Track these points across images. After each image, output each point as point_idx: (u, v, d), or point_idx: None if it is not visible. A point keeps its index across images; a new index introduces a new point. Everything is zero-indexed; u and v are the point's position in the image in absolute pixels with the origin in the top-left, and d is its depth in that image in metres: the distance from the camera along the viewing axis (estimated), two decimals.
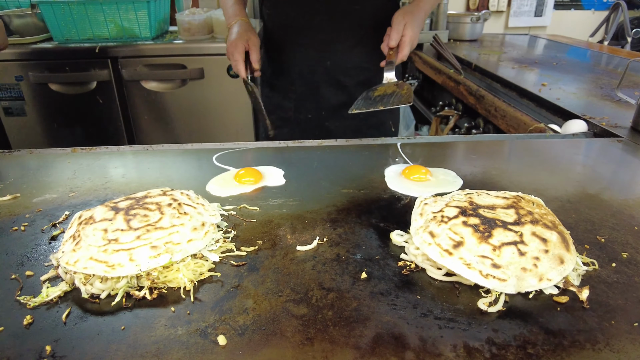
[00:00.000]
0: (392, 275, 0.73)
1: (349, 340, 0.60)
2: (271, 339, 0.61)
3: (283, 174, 1.10)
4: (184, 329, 0.62)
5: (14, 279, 0.73)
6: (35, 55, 2.62)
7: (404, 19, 1.37)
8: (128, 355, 0.58)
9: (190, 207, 0.84)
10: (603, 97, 1.74)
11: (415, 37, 1.40)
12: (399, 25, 1.37)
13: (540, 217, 0.79)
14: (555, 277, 0.69)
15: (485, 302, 0.67)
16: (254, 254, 0.79)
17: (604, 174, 1.12)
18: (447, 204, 0.82)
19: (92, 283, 0.69)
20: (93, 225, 0.77)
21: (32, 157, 1.25)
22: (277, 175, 1.10)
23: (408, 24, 1.37)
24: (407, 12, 1.40)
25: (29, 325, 0.64)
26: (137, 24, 2.67)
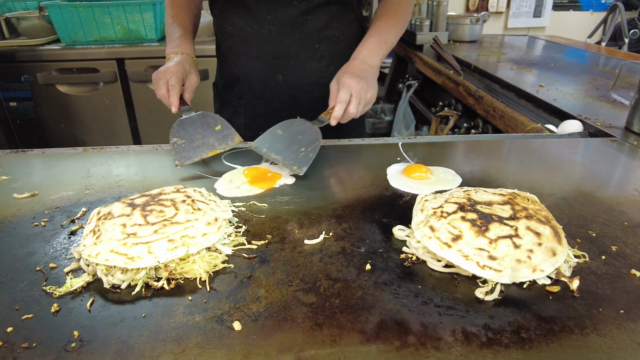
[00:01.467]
0: (395, 266, 0.78)
1: (355, 325, 0.65)
2: (283, 324, 0.65)
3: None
4: (201, 316, 0.67)
5: (39, 271, 0.78)
6: (43, 57, 2.67)
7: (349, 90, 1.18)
8: (150, 339, 0.63)
9: (203, 204, 0.88)
10: (599, 98, 1.79)
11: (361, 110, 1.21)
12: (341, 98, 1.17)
13: (535, 212, 0.83)
14: (547, 268, 0.73)
15: (482, 292, 0.71)
16: (264, 248, 0.84)
17: (598, 173, 1.16)
18: (447, 200, 0.87)
19: (113, 274, 0.74)
20: (112, 220, 0.81)
21: (44, 156, 1.29)
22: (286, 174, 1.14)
23: (354, 96, 1.18)
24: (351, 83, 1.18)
25: (56, 312, 0.68)
26: (143, 25, 2.72)
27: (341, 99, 1.17)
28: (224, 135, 1.18)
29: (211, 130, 1.19)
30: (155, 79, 1.26)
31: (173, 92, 1.22)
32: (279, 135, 1.18)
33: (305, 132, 1.17)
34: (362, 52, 1.33)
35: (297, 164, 1.10)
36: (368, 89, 1.21)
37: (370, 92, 1.22)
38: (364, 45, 1.35)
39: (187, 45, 1.40)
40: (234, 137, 1.19)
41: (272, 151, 1.15)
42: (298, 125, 1.20)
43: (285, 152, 1.14)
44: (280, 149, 1.15)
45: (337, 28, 1.43)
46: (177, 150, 1.14)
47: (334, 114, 1.17)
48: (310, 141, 1.15)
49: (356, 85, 1.19)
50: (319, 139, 1.15)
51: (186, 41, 1.41)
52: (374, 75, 1.29)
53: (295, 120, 1.21)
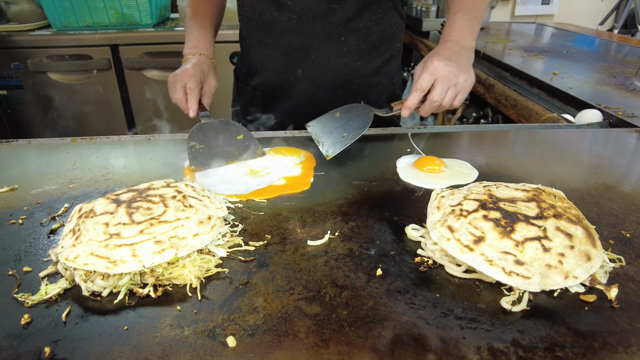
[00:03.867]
0: (409, 271, 0.70)
1: (366, 341, 0.57)
2: (283, 340, 0.57)
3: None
4: (191, 329, 0.59)
5: (11, 276, 0.70)
6: (33, 43, 2.57)
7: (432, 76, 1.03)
8: (132, 357, 0.55)
9: (196, 200, 0.80)
10: (617, 86, 1.69)
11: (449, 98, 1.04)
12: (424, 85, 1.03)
13: (564, 210, 0.75)
14: (581, 274, 0.65)
15: (509, 301, 0.63)
16: (263, 249, 0.76)
17: (623, 165, 1.08)
18: (466, 196, 0.78)
19: (93, 280, 0.66)
20: (94, 219, 0.73)
21: (30, 147, 1.21)
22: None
23: (439, 81, 1.02)
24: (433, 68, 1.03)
25: (27, 324, 0.60)
26: (138, 10, 2.62)
27: (419, 86, 1.02)
28: (246, 146, 1.11)
29: (232, 138, 1.10)
30: (172, 81, 1.18)
31: (191, 96, 1.13)
32: (336, 117, 1.12)
33: (358, 118, 1.08)
34: (452, 34, 1.13)
35: (329, 147, 1.04)
36: (459, 73, 1.03)
37: (462, 76, 1.03)
38: (452, 25, 1.16)
39: (205, 45, 1.30)
40: (256, 150, 1.12)
41: (319, 131, 1.10)
42: (358, 110, 1.11)
43: (329, 134, 1.08)
44: (327, 130, 1.09)
45: (369, 17, 1.26)
46: (194, 154, 1.07)
47: (407, 103, 1.04)
48: (357, 127, 1.06)
49: (443, 69, 1.01)
50: (365, 126, 1.05)
51: (204, 40, 1.31)
52: (468, 59, 1.09)
53: (357, 105, 1.12)
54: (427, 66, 1.03)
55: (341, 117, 1.10)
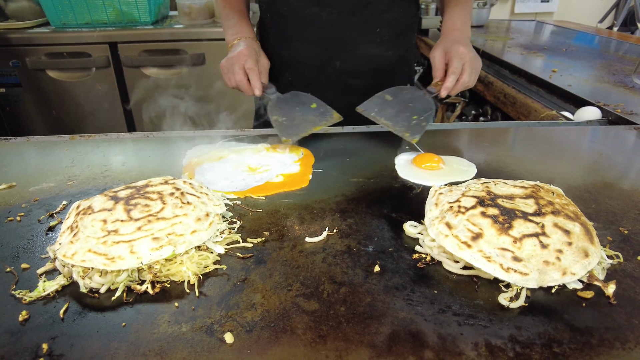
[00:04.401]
0: (407, 268, 0.70)
1: (364, 338, 0.57)
2: (281, 336, 0.57)
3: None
4: (189, 326, 0.59)
5: (9, 272, 0.69)
6: (32, 41, 2.56)
7: (459, 59, 1.13)
8: (129, 353, 0.55)
9: (194, 197, 0.80)
10: (616, 83, 1.69)
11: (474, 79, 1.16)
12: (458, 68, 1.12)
13: (562, 207, 0.75)
14: (579, 271, 0.65)
15: (506, 297, 0.63)
16: (261, 246, 0.75)
17: (622, 163, 1.08)
18: (464, 193, 0.78)
19: (91, 277, 0.65)
20: (92, 216, 0.73)
21: (29, 144, 1.20)
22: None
23: (467, 65, 1.13)
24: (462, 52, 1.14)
25: (25, 321, 0.60)
26: (137, 8, 2.61)
27: (455, 69, 1.12)
28: (322, 112, 1.14)
29: (307, 108, 1.15)
30: (227, 65, 1.19)
31: (253, 75, 1.16)
32: (388, 100, 1.14)
33: (417, 100, 1.13)
34: (457, 24, 1.27)
35: (410, 132, 1.06)
36: (477, 57, 1.17)
37: (478, 60, 1.17)
38: (454, 16, 1.28)
39: (247, 29, 1.32)
40: (332, 114, 1.16)
41: (381, 116, 1.11)
42: (408, 92, 1.16)
43: (396, 118, 1.10)
44: (390, 114, 1.11)
45: (397, 10, 1.34)
46: (280, 127, 1.10)
47: (446, 85, 1.12)
48: (422, 109, 1.10)
49: (468, 54, 1.14)
50: (432, 108, 1.10)
51: (245, 24, 1.34)
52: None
53: (404, 88, 1.18)
54: (455, 52, 1.14)
55: (394, 101, 1.14)
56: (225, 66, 1.20)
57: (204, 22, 2.70)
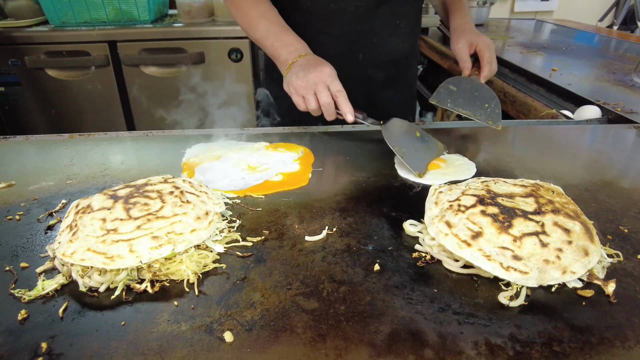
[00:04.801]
0: (407, 267, 0.70)
1: (364, 336, 0.57)
2: (281, 335, 0.57)
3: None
4: (188, 325, 0.59)
5: (8, 271, 0.69)
6: (31, 39, 2.56)
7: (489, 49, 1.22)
8: (129, 352, 0.55)
9: (193, 196, 0.80)
10: (616, 82, 1.69)
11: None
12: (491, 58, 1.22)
13: (562, 206, 0.75)
14: (579, 269, 0.65)
15: (506, 296, 0.63)
16: (261, 245, 0.75)
17: (621, 161, 1.08)
18: (464, 192, 0.78)
19: (90, 276, 0.65)
20: (91, 215, 0.73)
21: (28, 143, 1.20)
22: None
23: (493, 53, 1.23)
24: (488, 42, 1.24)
25: (24, 320, 0.60)
26: (136, 6, 2.60)
27: (489, 59, 1.20)
28: (426, 142, 1.09)
29: (414, 137, 1.08)
30: (307, 86, 1.07)
31: (343, 98, 1.06)
32: (453, 91, 1.17)
33: (479, 89, 1.17)
34: (466, 17, 1.37)
35: (491, 119, 1.11)
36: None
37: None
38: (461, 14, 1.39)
39: (304, 45, 1.20)
40: (437, 144, 1.10)
41: (458, 105, 1.15)
42: (466, 82, 1.19)
43: (472, 107, 1.15)
44: (463, 104, 1.15)
45: (412, 4, 1.39)
46: (408, 160, 1.00)
47: (485, 74, 1.19)
48: (488, 97, 1.15)
49: (491, 44, 1.23)
50: (495, 96, 1.16)
51: (300, 39, 1.22)
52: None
53: (459, 78, 1.22)
54: (483, 43, 1.23)
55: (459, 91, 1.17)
56: (302, 86, 1.07)
57: (203, 21, 2.69)
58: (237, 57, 2.63)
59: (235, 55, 2.63)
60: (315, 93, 1.06)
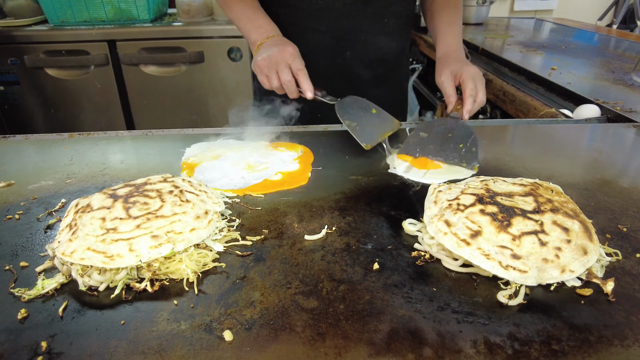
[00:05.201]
0: (406, 266, 0.70)
1: (363, 335, 0.57)
2: (280, 334, 0.57)
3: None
4: (188, 324, 0.59)
5: (8, 270, 0.69)
6: (30, 39, 2.55)
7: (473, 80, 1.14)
8: (129, 351, 0.55)
9: (193, 195, 0.80)
10: (616, 81, 1.69)
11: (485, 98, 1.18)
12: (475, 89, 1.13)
13: (561, 205, 0.75)
14: (578, 268, 0.65)
15: (505, 295, 0.63)
16: (260, 244, 0.75)
17: (621, 160, 1.08)
18: (463, 191, 0.78)
19: (90, 275, 0.65)
20: (90, 214, 0.73)
21: (27, 142, 1.20)
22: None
23: (479, 85, 1.14)
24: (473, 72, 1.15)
25: (24, 319, 0.60)
26: (135, 5, 2.60)
27: (472, 91, 1.12)
28: (382, 119, 1.10)
29: (370, 113, 1.10)
30: (269, 64, 1.10)
31: (303, 76, 1.09)
32: (424, 137, 1.11)
33: (453, 129, 1.10)
34: (453, 44, 1.29)
35: (465, 161, 1.03)
36: (482, 76, 1.18)
37: (484, 78, 1.18)
38: (448, 36, 1.31)
39: (273, 27, 1.24)
40: (392, 121, 1.11)
41: (427, 153, 1.08)
42: (440, 124, 1.13)
43: (444, 152, 1.07)
44: (435, 150, 1.08)
45: (401, 3, 1.37)
46: (357, 133, 1.04)
47: (467, 108, 1.11)
48: (464, 135, 1.08)
49: (478, 74, 1.15)
50: (473, 132, 1.09)
51: (270, 22, 1.25)
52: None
53: (431, 121, 1.16)
54: (466, 74, 1.14)
55: (430, 135, 1.11)
56: (266, 65, 1.10)
57: (202, 20, 2.69)
58: (237, 57, 2.63)
59: (234, 55, 2.63)
60: (277, 72, 1.09)
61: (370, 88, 1.29)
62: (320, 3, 1.30)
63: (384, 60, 1.44)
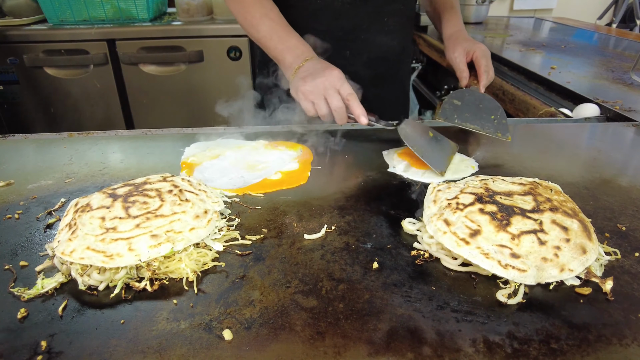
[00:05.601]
0: (405, 265, 0.70)
1: (362, 334, 0.57)
2: (279, 333, 0.58)
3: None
4: (187, 323, 0.59)
5: (8, 270, 0.69)
6: (29, 38, 2.55)
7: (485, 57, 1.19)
8: (128, 351, 0.55)
9: (192, 194, 0.80)
10: (615, 80, 1.69)
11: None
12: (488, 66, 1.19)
13: (560, 204, 0.75)
14: (577, 267, 0.65)
15: (504, 294, 0.63)
16: (260, 243, 0.76)
17: (620, 159, 1.08)
18: (462, 190, 0.78)
19: (90, 274, 0.65)
20: (90, 213, 0.73)
21: (27, 142, 1.20)
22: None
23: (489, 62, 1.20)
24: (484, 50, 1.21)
25: (23, 319, 0.60)
26: (134, 4, 2.59)
27: (486, 68, 1.19)
28: (439, 141, 1.09)
29: (427, 136, 1.08)
30: (316, 90, 1.04)
31: (354, 101, 1.03)
32: (458, 105, 1.15)
33: (482, 101, 1.16)
34: (458, 25, 1.35)
35: (500, 131, 1.10)
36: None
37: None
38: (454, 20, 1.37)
39: (309, 48, 1.18)
40: (449, 143, 1.09)
41: (465, 120, 1.14)
42: (469, 94, 1.17)
43: (479, 120, 1.13)
44: (470, 117, 1.14)
45: (401, 1, 1.38)
46: (430, 160, 1.00)
47: (483, 82, 1.18)
48: (493, 108, 1.14)
49: (487, 52, 1.21)
50: (499, 106, 1.15)
51: (305, 42, 1.20)
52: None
53: (463, 90, 1.19)
54: (479, 51, 1.21)
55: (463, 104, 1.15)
56: (311, 91, 1.04)
57: (202, 19, 2.69)
58: (236, 56, 2.63)
59: (234, 54, 2.63)
60: (325, 98, 1.03)
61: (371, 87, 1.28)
62: (319, 3, 1.31)
63: (385, 59, 1.44)
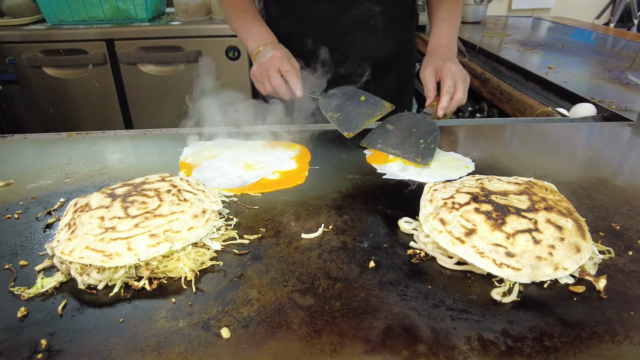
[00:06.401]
0: (401, 264, 0.71)
1: (358, 332, 0.58)
2: (277, 331, 0.58)
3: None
4: (186, 321, 0.60)
5: (8, 269, 0.70)
6: (28, 38, 2.56)
7: (452, 77, 1.14)
8: (127, 349, 0.56)
9: (190, 194, 0.81)
10: (612, 80, 1.70)
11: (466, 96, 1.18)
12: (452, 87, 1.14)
13: (555, 203, 0.76)
14: (571, 266, 0.66)
15: (499, 292, 0.64)
16: (257, 242, 0.76)
17: (615, 159, 1.09)
18: (458, 190, 0.79)
19: (89, 273, 0.66)
20: (89, 213, 0.74)
21: (26, 142, 1.21)
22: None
23: (459, 83, 1.15)
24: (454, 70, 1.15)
25: (23, 317, 0.61)
26: (133, 4, 2.60)
27: (449, 88, 1.13)
28: (373, 104, 1.12)
29: (357, 101, 1.13)
30: (260, 71, 1.17)
31: (292, 76, 1.13)
32: (390, 130, 1.14)
33: (419, 125, 1.12)
34: (444, 40, 1.29)
35: (420, 156, 1.05)
36: (466, 74, 1.19)
37: (468, 77, 1.19)
38: (441, 32, 1.32)
39: (269, 34, 1.29)
40: (383, 104, 1.14)
41: (388, 146, 1.10)
42: (408, 118, 1.15)
43: (403, 146, 1.09)
44: (395, 143, 1.10)
45: (392, 2, 1.37)
46: (339, 123, 1.09)
47: (442, 104, 1.12)
48: (427, 132, 1.09)
49: (459, 72, 1.15)
50: (436, 129, 1.09)
51: (267, 30, 1.30)
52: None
53: (403, 114, 1.17)
54: (447, 71, 1.15)
55: (396, 129, 1.13)
56: (258, 72, 1.17)
57: (200, 19, 2.69)
58: (235, 55, 2.64)
59: (232, 54, 2.63)
60: (268, 77, 1.15)
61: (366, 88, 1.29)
62: (304, 9, 1.35)
63: (378, 60, 1.44)
